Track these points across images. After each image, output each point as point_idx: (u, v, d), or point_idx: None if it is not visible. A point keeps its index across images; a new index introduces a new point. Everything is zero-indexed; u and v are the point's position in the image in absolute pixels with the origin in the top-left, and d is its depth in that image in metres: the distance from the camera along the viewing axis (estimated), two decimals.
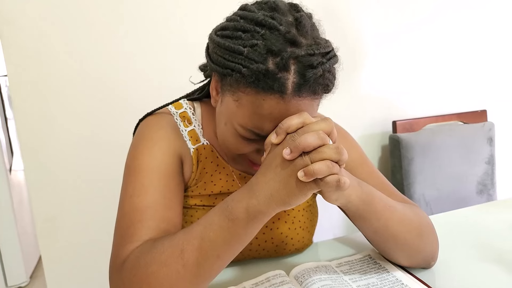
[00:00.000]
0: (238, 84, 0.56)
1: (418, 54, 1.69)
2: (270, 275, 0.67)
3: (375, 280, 0.67)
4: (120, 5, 1.27)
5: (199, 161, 0.71)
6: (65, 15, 1.23)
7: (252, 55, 0.54)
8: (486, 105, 1.85)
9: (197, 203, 0.72)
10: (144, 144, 0.67)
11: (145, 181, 0.62)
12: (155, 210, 0.60)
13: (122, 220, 0.60)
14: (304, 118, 0.54)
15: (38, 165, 1.28)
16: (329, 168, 0.51)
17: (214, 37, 0.60)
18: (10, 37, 1.20)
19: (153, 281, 0.52)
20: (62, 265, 1.35)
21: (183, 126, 0.72)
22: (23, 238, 2.11)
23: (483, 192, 1.69)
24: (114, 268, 0.57)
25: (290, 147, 0.52)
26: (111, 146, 1.32)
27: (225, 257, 0.55)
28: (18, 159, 2.23)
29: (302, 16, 0.57)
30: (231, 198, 0.55)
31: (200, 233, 0.54)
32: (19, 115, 1.24)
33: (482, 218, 0.94)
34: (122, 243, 0.58)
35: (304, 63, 0.54)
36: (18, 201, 2.13)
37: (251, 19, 0.56)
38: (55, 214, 1.32)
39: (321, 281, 0.64)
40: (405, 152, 1.53)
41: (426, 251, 0.70)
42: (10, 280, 2.06)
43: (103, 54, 1.28)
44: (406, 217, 0.67)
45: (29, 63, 1.22)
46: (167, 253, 0.53)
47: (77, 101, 1.28)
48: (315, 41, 0.56)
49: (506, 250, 0.78)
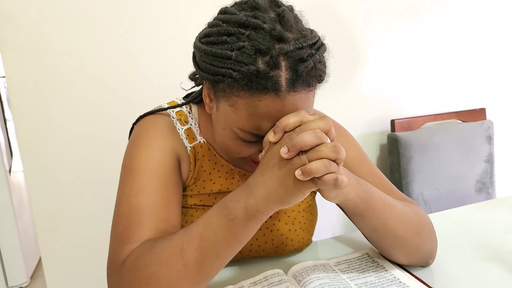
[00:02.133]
0: (231, 89, 0.56)
1: (417, 53, 1.70)
2: (268, 274, 0.67)
3: (373, 278, 0.67)
4: (120, 5, 1.27)
5: (197, 159, 0.71)
6: (65, 15, 1.23)
7: (240, 57, 0.53)
8: (485, 103, 1.85)
9: (196, 202, 0.72)
10: (141, 143, 0.67)
11: (142, 181, 0.62)
12: (154, 210, 0.60)
13: (119, 220, 0.60)
14: (302, 117, 0.54)
15: (37, 166, 1.28)
16: (327, 167, 0.51)
17: (199, 45, 0.59)
18: (9, 37, 1.20)
19: (153, 281, 0.53)
20: (62, 265, 1.35)
21: (179, 125, 0.72)
22: (23, 239, 2.11)
23: (482, 190, 1.69)
24: (112, 269, 0.57)
25: (287, 146, 0.52)
26: (111, 146, 1.32)
27: (224, 256, 0.55)
28: (18, 160, 2.23)
29: (284, 11, 0.56)
30: (230, 198, 0.56)
31: (200, 233, 0.54)
32: (18, 115, 1.25)
33: (481, 216, 0.94)
34: (120, 244, 0.58)
35: (295, 58, 0.53)
36: (18, 202, 2.13)
37: (234, 21, 0.55)
38: (55, 214, 1.32)
39: (319, 279, 0.64)
40: (404, 151, 1.53)
41: (425, 250, 0.70)
42: (10, 281, 2.06)
43: (103, 54, 1.28)
44: (405, 215, 0.67)
45: (28, 64, 1.23)
46: (167, 253, 0.53)
47: (76, 102, 1.28)
48: (301, 34, 0.55)
49: (504, 249, 0.78)
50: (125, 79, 1.32)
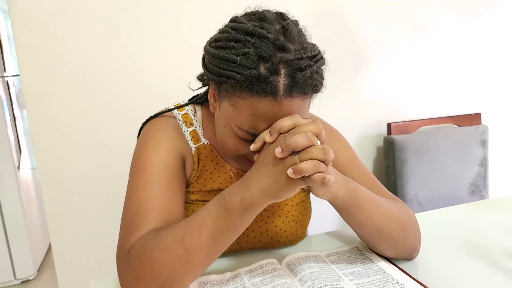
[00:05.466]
0: (234, 90, 0.62)
1: (414, 58, 1.74)
2: (264, 263, 0.73)
3: (360, 268, 0.73)
4: (130, 10, 1.34)
5: (200, 160, 0.77)
6: (76, 18, 1.30)
7: (244, 62, 0.59)
8: (480, 108, 1.89)
9: (198, 198, 0.78)
10: (149, 143, 0.72)
11: (150, 176, 0.68)
12: (159, 203, 0.66)
13: (128, 211, 0.66)
14: (296, 120, 0.60)
15: (50, 162, 1.35)
16: (316, 167, 0.57)
17: (208, 48, 0.65)
18: (23, 40, 1.27)
19: (157, 265, 0.59)
20: (71, 257, 1.42)
21: (185, 127, 0.78)
22: (31, 233, 2.18)
23: (476, 193, 1.73)
24: (121, 254, 0.63)
25: (281, 147, 0.58)
26: (118, 145, 1.39)
27: (221, 244, 0.61)
28: (26, 157, 2.30)
29: (289, 24, 0.62)
30: (228, 191, 0.62)
31: (200, 221, 0.60)
32: (32, 114, 1.31)
33: (470, 216, 0.98)
34: (128, 232, 0.64)
35: (293, 67, 0.59)
36: (26, 198, 2.19)
37: (241, 29, 0.61)
38: (65, 208, 1.39)
39: (310, 268, 0.70)
40: (399, 153, 1.58)
41: (409, 244, 0.75)
42: (18, 273, 2.13)
43: (113, 56, 1.35)
44: (390, 211, 0.72)
45: (41, 64, 1.29)
46: (169, 239, 0.59)
47: (86, 101, 1.35)
48: (302, 46, 0.61)
49: (489, 247, 0.82)
50: (136, 79, 1.39)
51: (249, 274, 0.71)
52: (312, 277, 0.67)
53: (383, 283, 0.69)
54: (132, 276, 0.60)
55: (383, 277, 0.70)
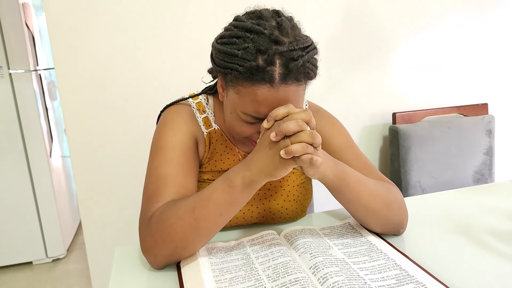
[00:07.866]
0: (237, 80, 0.71)
1: (422, 49, 1.77)
2: (264, 233, 0.84)
3: (349, 240, 0.83)
4: (154, 12, 1.45)
5: (211, 143, 0.88)
6: (104, 18, 1.42)
7: (245, 55, 0.68)
8: (487, 99, 1.91)
9: (209, 177, 0.89)
10: (167, 127, 0.84)
11: (168, 155, 0.79)
12: (176, 179, 0.77)
13: (149, 186, 0.78)
14: (289, 109, 0.69)
15: (82, 150, 1.48)
16: (304, 149, 0.66)
17: (215, 44, 0.76)
18: (58, 36, 1.40)
19: (172, 230, 0.70)
20: (100, 236, 1.56)
21: (198, 114, 0.89)
22: (61, 216, 2.34)
23: (480, 181, 1.77)
24: (143, 222, 0.75)
25: (275, 131, 0.68)
26: (142, 134, 1.51)
27: (225, 215, 0.72)
28: (56, 146, 2.46)
29: (283, 20, 0.71)
30: (232, 170, 0.73)
31: (208, 195, 0.71)
32: (66, 106, 1.45)
33: (464, 199, 1.04)
34: (149, 203, 0.76)
35: (287, 57, 0.68)
36: (57, 183, 2.36)
37: (242, 27, 0.71)
38: (95, 193, 1.52)
39: (304, 238, 0.81)
40: (403, 142, 1.65)
41: (394, 220, 0.84)
42: (50, 252, 2.31)
43: (142, 51, 1.47)
44: (375, 191, 0.81)
45: (74, 59, 1.42)
46: (183, 209, 0.71)
47: (115, 93, 1.48)
48: (295, 39, 0.70)
49: (478, 228, 0.88)
50: (164, 73, 1.50)
51: (251, 242, 0.82)
52: (305, 246, 0.78)
53: (368, 252, 0.78)
54: (152, 239, 0.71)
55: (369, 248, 0.80)
